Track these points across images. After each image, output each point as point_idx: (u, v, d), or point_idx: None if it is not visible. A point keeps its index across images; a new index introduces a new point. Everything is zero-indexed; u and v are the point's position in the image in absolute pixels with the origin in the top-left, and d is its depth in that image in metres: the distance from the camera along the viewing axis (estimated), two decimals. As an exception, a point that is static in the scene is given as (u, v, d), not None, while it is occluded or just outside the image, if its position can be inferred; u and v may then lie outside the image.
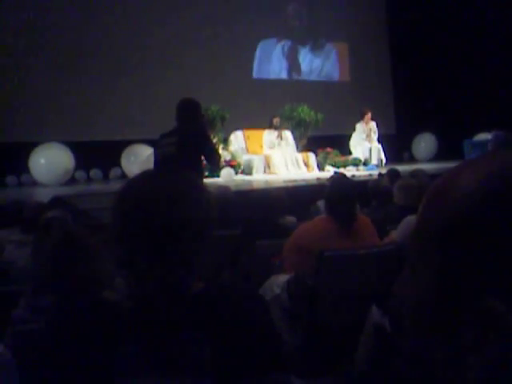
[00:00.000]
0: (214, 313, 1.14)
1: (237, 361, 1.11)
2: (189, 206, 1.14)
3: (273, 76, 13.43)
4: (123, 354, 1.08)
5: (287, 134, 10.59)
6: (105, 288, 1.23)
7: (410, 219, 3.77)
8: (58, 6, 10.43)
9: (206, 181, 7.58)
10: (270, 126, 10.43)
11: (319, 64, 14.13)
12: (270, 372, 1.16)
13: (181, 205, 1.13)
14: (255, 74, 13.11)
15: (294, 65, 13.81)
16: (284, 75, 13.69)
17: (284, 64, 13.70)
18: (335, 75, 14.36)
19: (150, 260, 1.10)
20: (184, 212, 1.13)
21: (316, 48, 14.02)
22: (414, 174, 5.84)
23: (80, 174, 10.48)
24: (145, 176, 1.23)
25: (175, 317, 1.10)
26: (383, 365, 2.56)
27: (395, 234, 3.78)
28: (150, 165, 4.87)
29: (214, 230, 1.27)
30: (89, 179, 10.68)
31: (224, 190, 4.78)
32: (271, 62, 13.46)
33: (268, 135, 10.42)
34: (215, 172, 8.77)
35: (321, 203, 4.99)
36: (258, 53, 13.17)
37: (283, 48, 13.62)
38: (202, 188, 1.23)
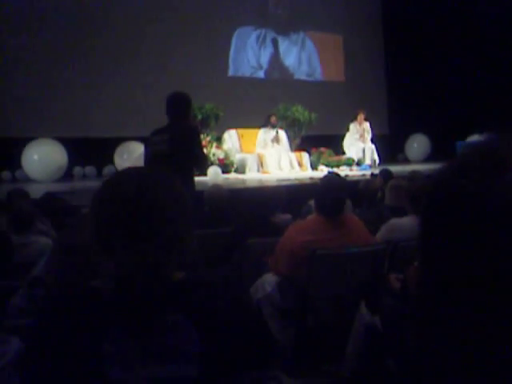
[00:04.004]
0: (196, 300, 1.17)
1: (221, 349, 1.13)
2: (160, 200, 1.17)
3: (258, 70, 13.39)
4: (111, 342, 1.10)
5: (281, 134, 10.59)
6: (95, 277, 1.26)
7: (394, 222, 3.79)
8: (53, 3, 10.40)
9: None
10: (266, 125, 10.41)
11: (300, 56, 14.00)
12: (259, 367, 1.17)
13: (152, 199, 1.16)
14: (232, 67, 12.94)
15: (277, 57, 13.71)
16: (269, 69, 13.55)
17: (267, 56, 13.57)
18: (317, 68, 14.22)
19: (127, 248, 1.13)
20: (155, 206, 1.16)
21: (294, 37, 13.89)
22: (411, 177, 5.72)
23: (77, 171, 10.50)
24: (127, 170, 1.28)
25: (155, 304, 1.13)
26: (374, 363, 2.57)
27: (378, 235, 3.80)
28: (143, 162, 4.83)
29: (206, 227, 1.30)
30: (84, 176, 10.67)
31: (217, 189, 4.78)
32: (254, 53, 13.35)
33: (263, 134, 10.41)
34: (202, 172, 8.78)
35: (312, 203, 5.00)
36: (235, 42, 12.95)
37: (264, 39, 13.44)
38: (175, 183, 1.25)
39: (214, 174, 9.06)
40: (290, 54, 13.84)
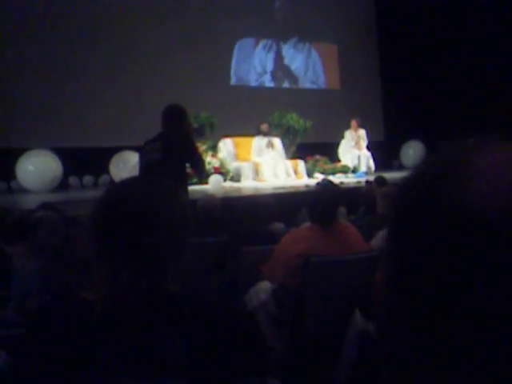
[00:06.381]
0: (188, 313, 1.16)
1: (212, 362, 1.13)
2: (163, 212, 1.17)
3: (255, 79, 13.51)
4: (99, 354, 1.09)
5: (276, 141, 10.61)
6: (87, 289, 1.26)
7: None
8: (48, 15, 10.43)
9: (195, 188, 7.59)
10: (259, 133, 10.44)
11: (304, 62, 14.18)
12: (247, 375, 1.17)
13: (155, 211, 1.16)
14: (234, 77, 13.07)
15: (279, 65, 13.89)
16: (269, 78, 13.71)
17: (269, 66, 13.75)
18: (321, 76, 14.40)
19: (122, 262, 1.12)
20: (158, 218, 1.16)
21: (300, 46, 14.09)
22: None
23: (74, 180, 10.50)
24: (123, 183, 1.28)
25: (147, 317, 1.12)
26: (368, 370, 2.57)
27: (373, 242, 3.80)
28: (138, 171, 4.83)
29: (198, 236, 1.30)
30: (82, 186, 10.68)
31: (210, 199, 4.79)
32: (254, 63, 13.50)
33: (257, 142, 10.42)
34: (203, 179, 8.76)
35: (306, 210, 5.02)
36: (237, 53, 13.12)
37: (265, 48, 13.63)
38: (179, 195, 1.25)
39: (215, 183, 9.05)
40: (296, 60, 14.05)
